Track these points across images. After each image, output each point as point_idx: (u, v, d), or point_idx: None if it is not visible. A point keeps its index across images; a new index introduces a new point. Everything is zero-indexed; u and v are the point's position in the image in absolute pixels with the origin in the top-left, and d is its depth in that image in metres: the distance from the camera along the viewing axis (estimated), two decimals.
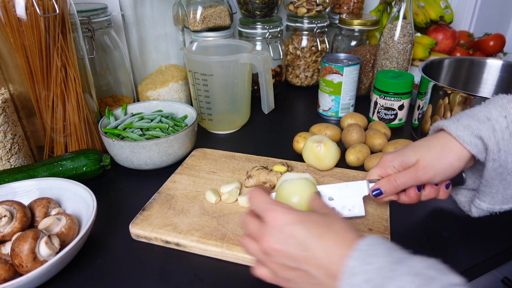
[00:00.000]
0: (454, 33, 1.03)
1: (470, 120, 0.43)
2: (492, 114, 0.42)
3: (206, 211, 0.54)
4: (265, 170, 0.59)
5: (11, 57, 0.59)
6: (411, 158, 0.45)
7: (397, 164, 0.46)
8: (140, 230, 0.51)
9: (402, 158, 0.46)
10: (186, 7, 0.84)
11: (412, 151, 0.46)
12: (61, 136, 0.65)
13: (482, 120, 0.43)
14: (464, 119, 0.44)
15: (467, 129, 0.43)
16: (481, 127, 0.42)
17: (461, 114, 0.46)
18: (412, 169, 0.45)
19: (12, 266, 0.43)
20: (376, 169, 0.48)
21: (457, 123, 0.44)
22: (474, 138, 0.42)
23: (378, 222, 0.51)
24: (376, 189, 0.47)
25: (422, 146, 0.45)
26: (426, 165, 0.44)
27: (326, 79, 0.82)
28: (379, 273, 0.29)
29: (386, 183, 0.47)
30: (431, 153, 0.44)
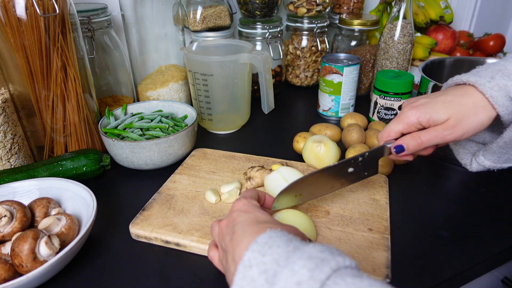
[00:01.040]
0: (454, 33, 1.03)
1: (506, 80, 0.41)
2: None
3: (206, 211, 0.54)
4: (264, 170, 0.59)
5: (11, 57, 0.59)
6: (442, 116, 0.42)
7: (424, 120, 0.43)
8: (140, 230, 0.51)
9: (432, 115, 0.43)
10: (186, 7, 0.84)
11: (442, 107, 0.42)
12: (61, 136, 0.65)
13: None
14: (498, 78, 0.41)
15: (502, 89, 0.40)
16: None
17: (493, 69, 0.42)
18: (440, 127, 0.42)
19: (12, 266, 0.43)
20: (397, 125, 0.46)
21: (492, 81, 0.41)
22: (508, 100, 0.40)
23: (378, 222, 0.51)
24: (399, 145, 0.45)
25: (453, 102, 0.42)
26: (457, 123, 0.41)
27: (326, 79, 0.82)
28: (274, 263, 0.29)
29: (411, 140, 0.44)
30: (463, 111, 0.41)
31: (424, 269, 0.35)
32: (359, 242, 0.47)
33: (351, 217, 0.52)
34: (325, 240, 0.48)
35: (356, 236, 0.49)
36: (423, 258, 0.47)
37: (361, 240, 0.48)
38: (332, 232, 0.49)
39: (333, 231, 0.49)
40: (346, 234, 0.49)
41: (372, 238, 0.48)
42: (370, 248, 0.47)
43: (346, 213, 0.53)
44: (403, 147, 0.45)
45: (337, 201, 0.55)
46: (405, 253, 0.48)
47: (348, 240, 0.48)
